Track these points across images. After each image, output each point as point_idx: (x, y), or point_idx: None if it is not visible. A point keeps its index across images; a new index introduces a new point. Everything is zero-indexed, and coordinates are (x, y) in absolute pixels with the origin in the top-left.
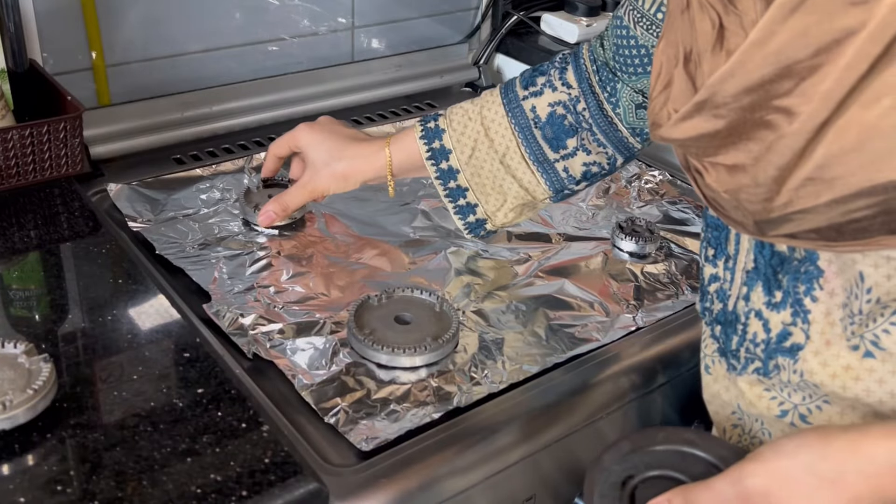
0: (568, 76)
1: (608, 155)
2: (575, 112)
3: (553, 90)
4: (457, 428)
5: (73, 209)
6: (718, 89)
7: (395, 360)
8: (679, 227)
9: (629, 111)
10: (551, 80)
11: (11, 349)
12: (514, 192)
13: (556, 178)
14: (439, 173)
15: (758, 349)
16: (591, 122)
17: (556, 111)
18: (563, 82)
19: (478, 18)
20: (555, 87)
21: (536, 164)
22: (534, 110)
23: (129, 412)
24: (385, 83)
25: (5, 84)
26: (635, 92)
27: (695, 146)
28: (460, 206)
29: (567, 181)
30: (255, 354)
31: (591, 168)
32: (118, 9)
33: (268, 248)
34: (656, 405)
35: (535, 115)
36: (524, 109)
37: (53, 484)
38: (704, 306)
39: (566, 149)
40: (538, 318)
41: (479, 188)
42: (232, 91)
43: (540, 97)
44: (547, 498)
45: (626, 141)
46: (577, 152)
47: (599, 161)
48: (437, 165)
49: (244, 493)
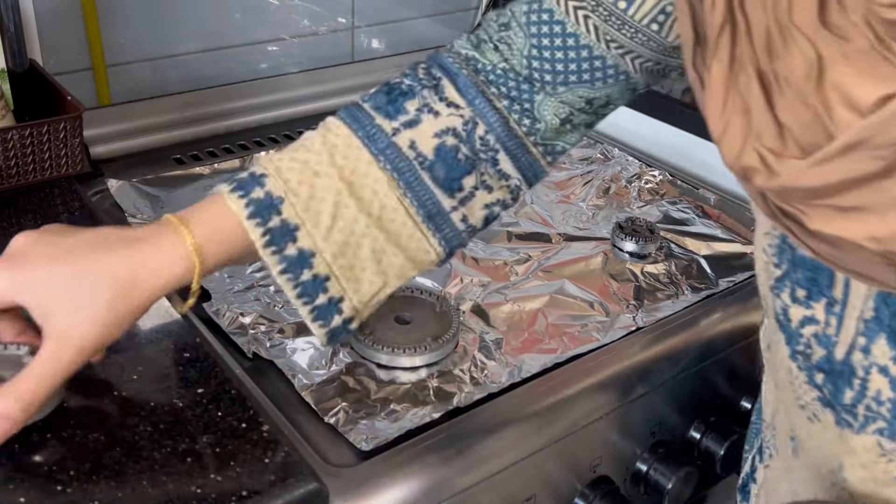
0: (449, 93)
1: (511, 188)
2: (469, 141)
3: (435, 116)
4: (457, 428)
5: (73, 209)
6: (882, 129)
7: (395, 360)
8: (679, 227)
9: (551, 129)
10: (428, 104)
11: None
12: (396, 269)
13: (453, 232)
14: (286, 263)
15: (882, 408)
16: (496, 148)
17: (445, 143)
18: (446, 103)
19: (478, 18)
20: (435, 111)
21: (427, 221)
22: (414, 147)
23: (129, 412)
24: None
25: (5, 84)
26: (561, 104)
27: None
28: (320, 306)
29: (465, 233)
30: (255, 354)
31: (493, 210)
32: (118, 9)
33: None
34: (656, 405)
35: (416, 152)
36: (399, 148)
37: (53, 484)
38: (796, 349)
39: (462, 191)
40: (538, 318)
41: (346, 273)
42: (232, 91)
43: (417, 127)
44: (547, 498)
45: (537, 164)
46: (477, 192)
47: (502, 198)
48: (282, 252)
49: (244, 493)
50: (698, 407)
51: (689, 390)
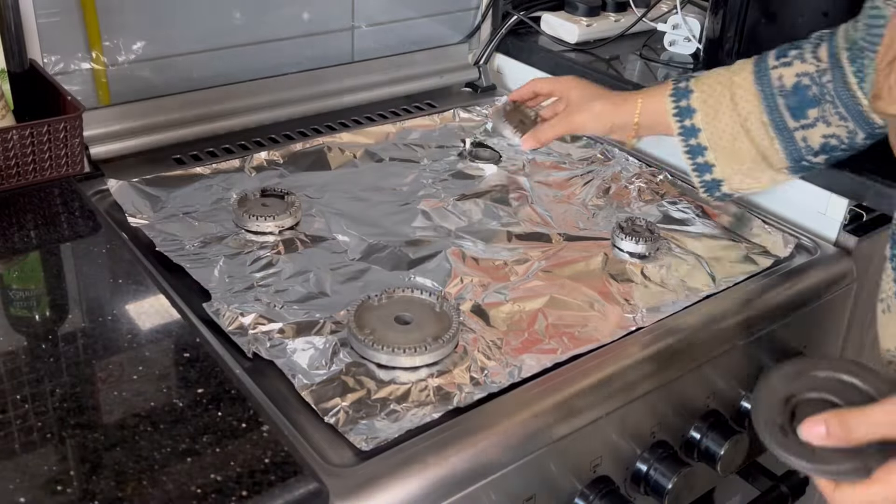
0: (820, 51)
1: (849, 129)
2: (819, 84)
3: (802, 62)
4: (457, 428)
5: (73, 209)
6: None
7: (395, 360)
8: (679, 227)
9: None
10: (802, 54)
11: None
12: (751, 157)
13: (794, 147)
14: (682, 130)
15: None
16: (833, 94)
17: (801, 81)
18: (813, 56)
19: (478, 18)
20: (805, 59)
21: (776, 132)
22: (781, 79)
23: (129, 412)
24: (385, 83)
25: (5, 84)
26: None
27: None
28: (699, 163)
29: (805, 151)
30: (255, 354)
31: (829, 140)
32: (118, 9)
33: (268, 248)
34: (656, 405)
35: (780, 83)
36: (771, 78)
37: (53, 484)
38: (893, 252)
39: (807, 119)
40: (538, 318)
41: (718, 149)
42: (232, 91)
43: (789, 67)
44: (547, 498)
45: (868, 116)
46: (818, 123)
47: (839, 134)
48: (682, 122)
49: (244, 493)
50: (698, 407)
51: (689, 390)
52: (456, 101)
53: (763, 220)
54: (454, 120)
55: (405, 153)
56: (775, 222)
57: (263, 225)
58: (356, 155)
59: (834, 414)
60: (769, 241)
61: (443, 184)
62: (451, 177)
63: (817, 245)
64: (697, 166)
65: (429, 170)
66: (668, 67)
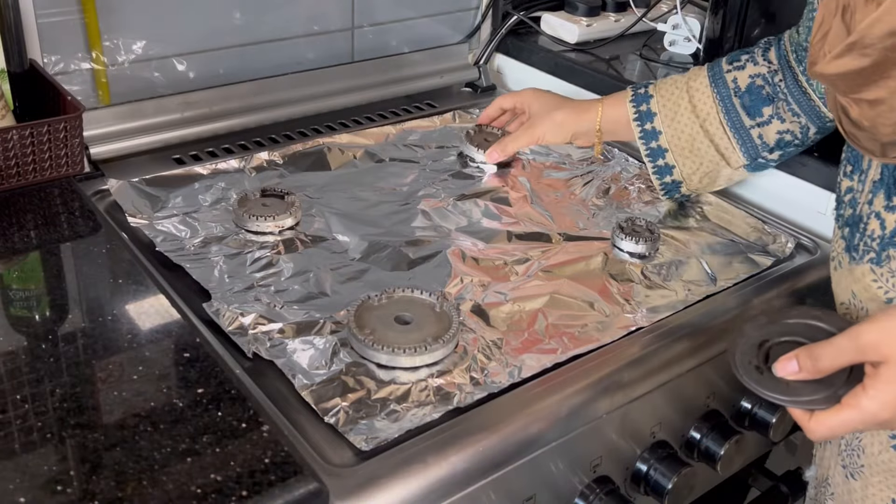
0: (770, 54)
1: (801, 124)
2: (772, 83)
3: (755, 64)
4: (457, 428)
5: (73, 209)
6: (867, 33)
7: (395, 360)
8: (679, 227)
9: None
10: (754, 57)
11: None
12: (709, 157)
13: (751, 144)
14: (643, 133)
15: (874, 243)
16: (786, 92)
17: (755, 82)
18: (764, 59)
19: (478, 18)
20: (756, 62)
21: (733, 130)
22: (735, 81)
23: (129, 412)
24: (385, 83)
25: (5, 84)
26: None
27: (843, 83)
28: (659, 166)
29: (761, 148)
30: (255, 354)
31: (784, 136)
32: (118, 9)
33: (268, 248)
34: (656, 405)
35: (735, 85)
36: (726, 80)
37: (53, 484)
38: (839, 213)
39: (762, 116)
40: (538, 318)
41: (678, 150)
42: (232, 91)
43: (742, 70)
44: (547, 498)
45: (819, 110)
46: (773, 120)
47: (792, 130)
48: (642, 126)
49: (244, 493)
50: (698, 407)
51: (689, 390)
52: (456, 101)
53: (763, 220)
54: (454, 120)
55: (405, 153)
56: (775, 222)
57: (263, 225)
58: (356, 155)
59: (803, 349)
60: (769, 241)
61: (443, 184)
62: (451, 177)
63: (817, 245)
64: (658, 169)
65: (429, 170)
66: (668, 67)
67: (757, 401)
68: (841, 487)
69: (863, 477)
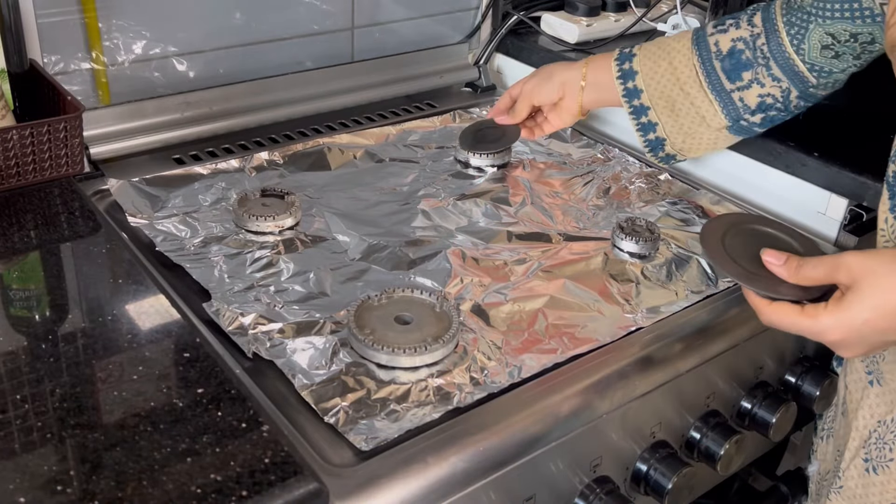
0: (755, 18)
1: (782, 88)
2: (753, 47)
3: (737, 28)
4: (457, 428)
5: (73, 209)
6: None
7: (395, 360)
8: (679, 227)
9: (814, 50)
10: (738, 21)
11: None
12: (690, 117)
13: (732, 106)
14: (626, 91)
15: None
16: (768, 55)
17: (736, 46)
18: (748, 23)
19: (478, 18)
20: (739, 25)
21: (714, 92)
22: (717, 44)
23: (129, 412)
24: (385, 83)
25: (5, 84)
26: (826, 34)
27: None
28: (642, 123)
29: (742, 110)
30: (255, 354)
31: (765, 99)
32: (118, 9)
33: (268, 248)
34: (656, 405)
35: (717, 48)
36: (708, 43)
37: (53, 484)
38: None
39: (741, 81)
40: (538, 318)
41: (659, 107)
42: (232, 91)
43: (724, 34)
44: (547, 498)
45: (802, 75)
46: (752, 84)
47: (773, 93)
48: (625, 85)
49: (244, 493)
50: (698, 407)
51: (688, 390)
52: (456, 101)
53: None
54: (454, 120)
55: (405, 153)
56: None
57: (263, 225)
58: (356, 155)
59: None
60: None
61: (443, 184)
62: (451, 177)
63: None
64: (641, 126)
65: (429, 170)
66: None
67: (760, 399)
68: (855, 481)
69: (888, 472)
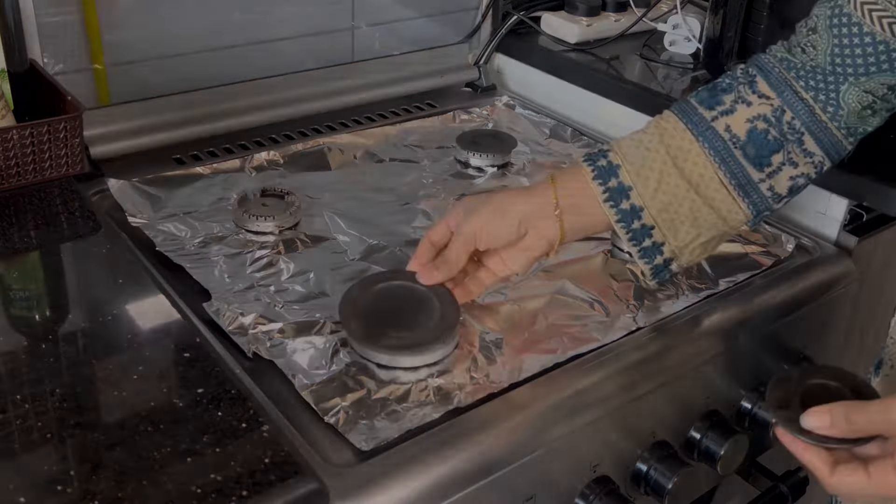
0: (761, 87)
1: (815, 163)
2: (779, 124)
3: (748, 105)
4: (457, 428)
5: (73, 209)
6: None
7: (395, 360)
8: None
9: (853, 114)
10: (742, 96)
11: None
12: (709, 223)
13: (760, 198)
14: (620, 214)
15: None
16: (802, 130)
17: (756, 126)
18: (757, 95)
19: (478, 18)
20: (749, 101)
21: (738, 189)
22: (729, 130)
23: (129, 412)
24: (385, 83)
25: (5, 84)
26: (864, 92)
27: None
28: (645, 248)
29: (772, 200)
30: (256, 354)
31: (797, 181)
32: (118, 8)
33: (268, 248)
34: (656, 406)
35: (731, 134)
36: (717, 131)
37: (53, 484)
38: None
39: (771, 165)
40: (538, 318)
41: (667, 224)
42: (232, 91)
43: (733, 115)
44: (547, 498)
45: (840, 143)
46: (784, 167)
47: (806, 172)
48: (618, 206)
49: (244, 493)
50: (698, 407)
51: (689, 390)
52: (456, 101)
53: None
54: (454, 120)
55: (405, 153)
56: (775, 222)
57: (263, 225)
58: (356, 155)
59: (836, 407)
60: (769, 241)
61: (443, 184)
62: (451, 177)
63: (817, 245)
64: (644, 251)
65: (429, 170)
66: (669, 67)
67: (759, 399)
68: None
69: None
